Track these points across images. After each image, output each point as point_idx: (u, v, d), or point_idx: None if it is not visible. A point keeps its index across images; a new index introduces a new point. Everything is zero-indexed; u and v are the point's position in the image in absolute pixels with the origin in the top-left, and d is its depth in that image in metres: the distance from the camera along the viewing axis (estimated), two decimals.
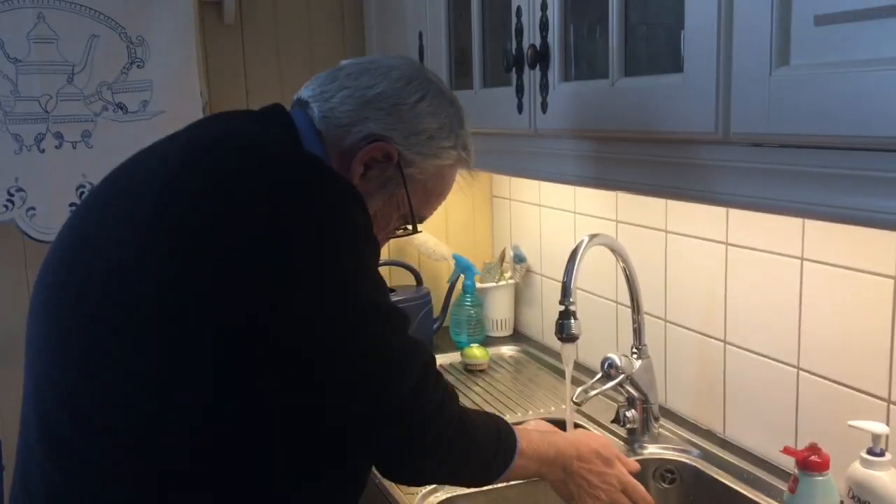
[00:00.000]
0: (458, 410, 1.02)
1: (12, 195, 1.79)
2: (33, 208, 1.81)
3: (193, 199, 0.89)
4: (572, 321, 1.28)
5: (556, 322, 1.29)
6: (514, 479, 1.15)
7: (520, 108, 1.32)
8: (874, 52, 0.72)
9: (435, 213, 2.22)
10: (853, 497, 1.04)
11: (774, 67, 0.82)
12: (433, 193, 1.12)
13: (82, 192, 1.84)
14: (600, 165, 1.20)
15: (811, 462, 0.94)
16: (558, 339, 1.30)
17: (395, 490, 1.36)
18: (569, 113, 1.21)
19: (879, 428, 1.03)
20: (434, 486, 1.35)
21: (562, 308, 1.29)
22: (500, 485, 1.37)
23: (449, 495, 1.34)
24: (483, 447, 1.06)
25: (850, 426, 1.05)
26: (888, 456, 1.03)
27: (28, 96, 1.79)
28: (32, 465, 0.95)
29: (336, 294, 0.88)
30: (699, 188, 1.01)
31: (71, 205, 1.83)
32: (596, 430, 1.56)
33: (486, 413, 1.15)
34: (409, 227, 1.13)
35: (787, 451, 0.98)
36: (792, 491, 0.95)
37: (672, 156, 1.05)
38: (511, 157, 1.46)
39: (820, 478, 0.94)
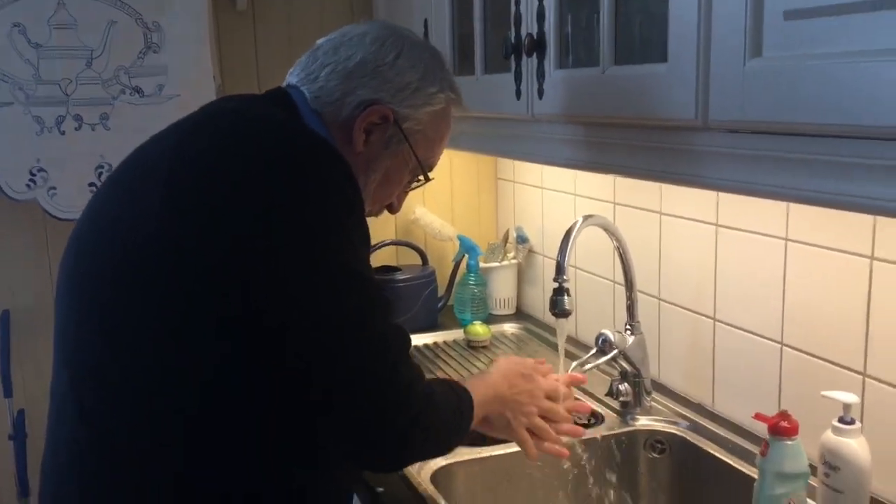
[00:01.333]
0: (427, 387, 1.05)
1: (34, 175, 1.87)
2: (54, 188, 1.89)
3: (197, 182, 0.95)
4: (565, 297, 1.35)
5: (550, 298, 1.35)
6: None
7: (518, 94, 1.38)
8: (840, 45, 0.78)
9: (441, 195, 2.32)
10: (825, 463, 1.10)
11: (748, 59, 0.88)
12: (435, 139, 1.17)
13: (101, 173, 1.92)
14: (592, 149, 1.26)
15: (781, 427, 1.00)
16: (552, 314, 1.36)
17: None
18: (563, 99, 1.27)
19: (849, 398, 1.09)
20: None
21: (556, 285, 1.35)
22: (496, 452, 1.46)
23: (446, 462, 1.41)
24: (451, 415, 1.10)
25: (822, 396, 1.11)
26: (857, 424, 1.09)
27: (49, 80, 1.86)
28: (60, 433, 1.02)
29: (322, 265, 0.92)
30: (684, 172, 1.07)
31: (90, 185, 1.91)
32: (590, 402, 1.64)
33: (439, 379, 1.18)
34: (422, 177, 1.18)
35: (758, 416, 1.04)
36: (763, 455, 1.01)
37: (659, 141, 1.10)
38: (510, 141, 1.52)
39: (789, 442, 1.00)
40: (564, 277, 1.36)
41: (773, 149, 0.91)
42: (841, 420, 1.09)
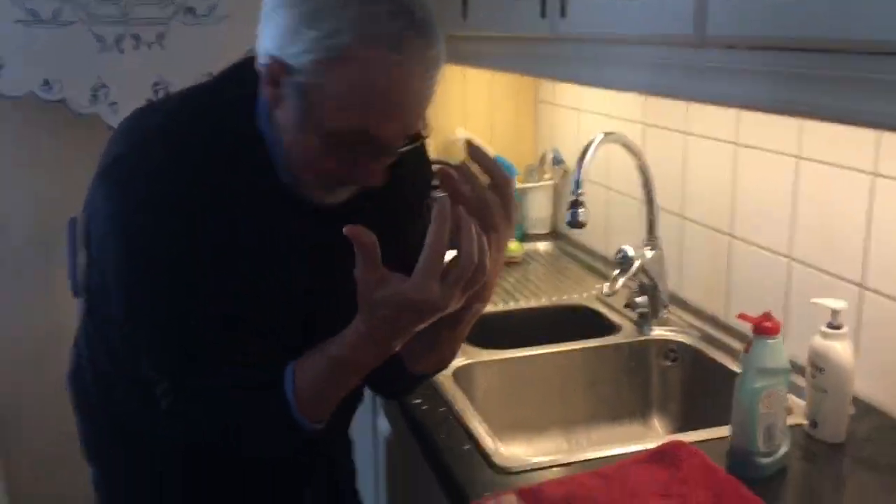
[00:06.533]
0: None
1: (97, 90, 2.00)
2: (115, 103, 2.02)
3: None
4: (580, 210, 1.42)
5: (566, 210, 1.43)
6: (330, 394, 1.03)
7: (543, 13, 1.44)
8: None
9: (481, 117, 2.24)
10: (812, 364, 1.17)
11: None
12: (343, 98, 0.90)
13: (157, 90, 2.04)
14: (611, 67, 1.31)
15: (763, 327, 1.07)
16: (567, 225, 1.44)
17: None
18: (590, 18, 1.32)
19: (838, 304, 1.15)
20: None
21: (572, 198, 1.43)
22: (515, 355, 1.56)
23: (467, 361, 1.51)
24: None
25: (813, 303, 1.18)
26: (844, 329, 1.15)
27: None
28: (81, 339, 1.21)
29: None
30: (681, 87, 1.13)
31: (147, 100, 2.03)
32: (610, 314, 1.72)
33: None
34: (366, 143, 0.93)
35: (741, 316, 1.11)
36: (747, 351, 1.09)
37: (653, 57, 1.16)
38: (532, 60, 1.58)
39: (770, 341, 1.07)
40: (581, 191, 1.43)
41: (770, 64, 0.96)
42: (829, 325, 1.16)
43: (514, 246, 2.11)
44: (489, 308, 1.77)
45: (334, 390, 1.01)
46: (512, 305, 1.83)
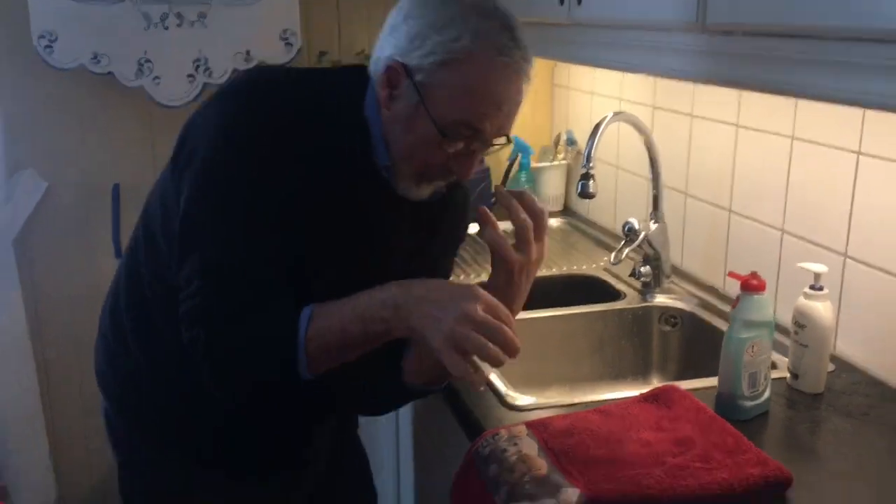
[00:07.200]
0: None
1: (142, 65, 2.14)
2: (158, 77, 2.16)
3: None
4: (590, 182, 1.55)
5: (577, 182, 1.56)
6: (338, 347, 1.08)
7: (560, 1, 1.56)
8: None
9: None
10: (795, 322, 1.30)
11: None
12: (458, 95, 1.06)
13: (198, 66, 2.18)
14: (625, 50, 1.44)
15: (751, 284, 1.20)
16: (578, 195, 1.57)
17: None
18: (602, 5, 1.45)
19: (819, 268, 1.28)
20: None
21: (583, 171, 1.56)
22: (524, 316, 1.68)
23: None
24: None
25: (799, 267, 1.30)
26: (825, 291, 1.28)
27: None
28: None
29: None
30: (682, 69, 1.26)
31: (189, 76, 2.17)
32: (615, 283, 1.85)
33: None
34: (499, 141, 1.09)
35: (732, 274, 1.24)
36: (734, 307, 1.22)
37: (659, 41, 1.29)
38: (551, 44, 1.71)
39: (756, 296, 1.20)
40: (591, 165, 1.56)
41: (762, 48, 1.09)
42: (812, 287, 1.29)
43: None
44: None
45: (339, 348, 1.07)
46: None
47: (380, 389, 1.23)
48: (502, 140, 1.11)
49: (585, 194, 1.55)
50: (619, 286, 1.84)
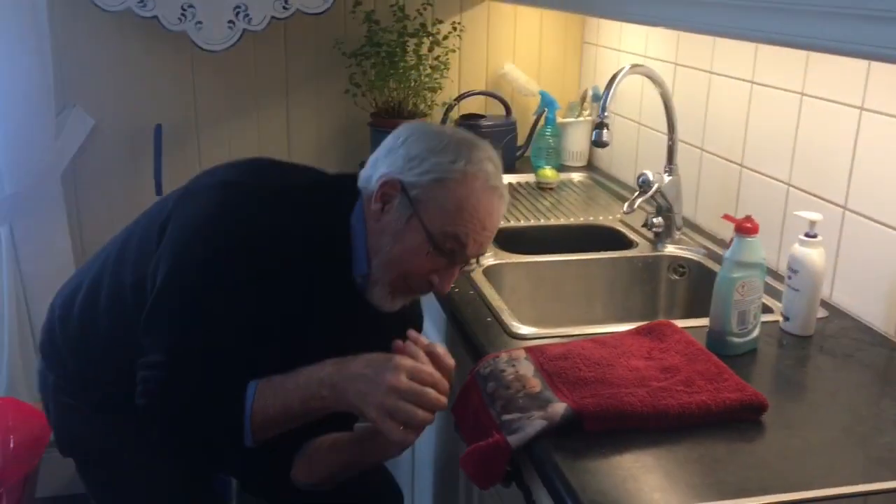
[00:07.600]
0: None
1: (185, 10, 2.23)
2: (200, 22, 2.25)
3: None
4: (604, 130, 1.62)
5: (591, 130, 1.63)
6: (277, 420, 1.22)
7: None
8: None
9: (529, 54, 2.40)
10: (789, 267, 1.36)
11: None
12: (451, 209, 1.23)
13: (238, 13, 2.26)
14: None
15: (744, 226, 1.26)
16: (592, 143, 1.64)
17: None
18: None
19: (814, 216, 1.33)
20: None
21: (598, 120, 1.62)
22: (538, 259, 1.77)
23: (496, 262, 1.73)
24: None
25: (794, 215, 1.36)
26: (819, 238, 1.34)
27: None
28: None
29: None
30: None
31: (229, 22, 2.26)
32: (629, 233, 1.92)
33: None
34: (454, 251, 1.25)
35: (726, 217, 1.31)
36: (727, 248, 1.29)
37: None
38: None
39: (749, 238, 1.26)
40: (605, 114, 1.63)
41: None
42: (806, 234, 1.35)
43: (550, 173, 2.31)
44: (523, 223, 1.99)
45: (282, 418, 1.21)
46: (543, 222, 2.04)
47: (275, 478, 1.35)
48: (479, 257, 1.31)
49: (599, 143, 1.62)
50: (632, 236, 1.91)
